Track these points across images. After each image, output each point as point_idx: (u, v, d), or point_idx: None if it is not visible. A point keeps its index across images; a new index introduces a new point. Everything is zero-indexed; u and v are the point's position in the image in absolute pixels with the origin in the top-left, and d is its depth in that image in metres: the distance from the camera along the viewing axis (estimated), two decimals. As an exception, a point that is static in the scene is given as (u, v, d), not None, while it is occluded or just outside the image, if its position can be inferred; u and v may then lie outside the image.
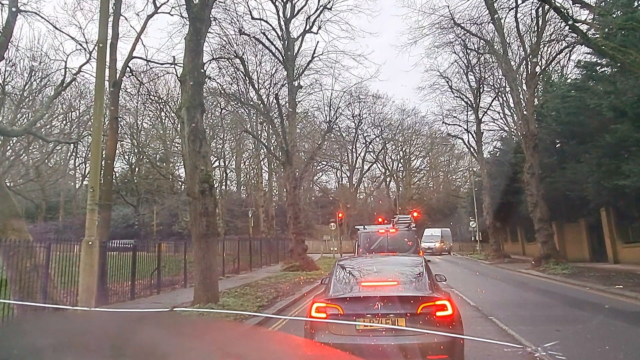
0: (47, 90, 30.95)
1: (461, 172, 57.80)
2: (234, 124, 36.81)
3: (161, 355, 1.48)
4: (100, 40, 8.74)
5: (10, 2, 13.46)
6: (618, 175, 18.53)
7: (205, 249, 10.84)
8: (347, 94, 29.88)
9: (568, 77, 29.80)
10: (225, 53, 25.34)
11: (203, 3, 11.88)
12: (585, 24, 17.94)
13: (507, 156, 32.72)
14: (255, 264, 24.40)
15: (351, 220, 44.21)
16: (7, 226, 8.66)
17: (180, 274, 16.32)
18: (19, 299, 8.04)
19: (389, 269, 6.48)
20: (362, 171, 57.99)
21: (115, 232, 26.70)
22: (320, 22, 26.02)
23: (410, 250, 15.09)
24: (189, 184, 11.83)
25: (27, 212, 29.08)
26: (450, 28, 27.66)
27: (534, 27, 24.84)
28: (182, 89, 12.33)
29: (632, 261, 20.69)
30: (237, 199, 48.23)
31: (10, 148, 32.92)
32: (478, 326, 8.81)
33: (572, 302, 12.43)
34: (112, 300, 12.15)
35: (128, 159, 42.35)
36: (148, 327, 1.89)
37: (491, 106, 37.72)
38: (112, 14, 17.41)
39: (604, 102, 18.75)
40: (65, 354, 1.47)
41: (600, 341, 7.55)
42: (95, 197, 7.52)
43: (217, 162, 44.35)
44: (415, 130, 54.85)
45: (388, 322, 4.99)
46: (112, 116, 17.66)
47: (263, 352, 1.58)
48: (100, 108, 8.42)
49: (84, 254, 7.33)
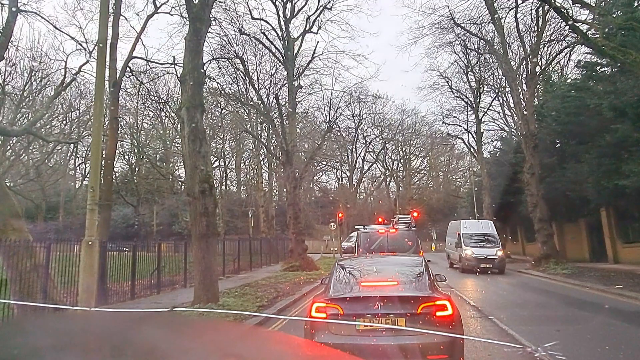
0: (47, 90, 30.99)
1: (461, 172, 57.84)
2: (234, 124, 36.81)
3: (161, 355, 1.48)
4: (100, 40, 8.74)
5: (10, 2, 13.47)
6: (618, 175, 18.53)
7: (205, 249, 10.83)
8: (347, 94, 29.86)
9: (568, 77, 29.85)
10: (225, 53, 25.32)
11: (203, 3, 11.88)
12: (585, 24, 17.96)
13: (507, 156, 32.72)
14: (255, 264, 24.40)
15: (351, 220, 44.19)
16: (7, 226, 8.65)
17: (180, 274, 16.31)
18: (19, 299, 8.04)
19: (389, 269, 6.48)
20: (362, 171, 58.05)
21: (115, 232, 26.69)
22: (320, 22, 26.05)
23: (410, 250, 15.09)
24: (189, 184, 11.82)
25: (27, 212, 29.04)
26: (450, 28, 27.72)
27: (534, 27, 24.88)
28: (182, 89, 12.33)
29: (632, 261, 20.68)
30: (237, 199, 48.21)
31: (10, 148, 32.96)
32: (478, 326, 8.81)
33: (572, 302, 12.43)
34: (112, 300, 12.14)
35: (128, 159, 42.34)
36: (148, 327, 1.88)
37: (491, 106, 37.82)
38: (112, 14, 17.42)
39: (604, 102, 18.75)
40: (65, 354, 1.47)
41: (600, 341, 7.55)
42: (95, 197, 7.53)
43: (217, 162, 44.38)
44: (415, 130, 54.92)
45: (388, 322, 4.99)
46: (112, 116, 17.66)
47: (263, 352, 1.57)
48: (100, 108, 8.42)
49: (84, 254, 7.34)
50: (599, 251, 24.53)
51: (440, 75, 35.42)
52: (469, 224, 24.32)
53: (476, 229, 23.48)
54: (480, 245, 21.91)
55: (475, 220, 28.06)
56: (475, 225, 24.21)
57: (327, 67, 29.40)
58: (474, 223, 24.92)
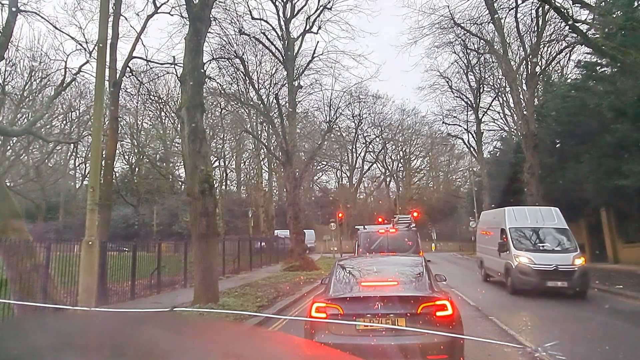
0: (47, 90, 30.97)
1: (461, 172, 57.83)
2: (234, 124, 36.77)
3: (161, 355, 1.48)
4: (100, 40, 8.73)
5: (10, 2, 13.46)
6: (618, 175, 18.53)
7: (205, 249, 10.83)
8: (347, 94, 29.86)
9: (568, 77, 29.86)
10: (225, 53, 25.34)
11: (203, 3, 11.88)
12: (585, 24, 17.95)
13: (507, 156, 32.73)
14: (255, 264, 24.39)
15: (351, 220, 44.18)
16: (7, 226, 8.64)
17: (180, 274, 16.30)
18: (19, 299, 8.03)
19: (389, 269, 6.49)
20: (362, 171, 58.04)
21: (115, 232, 26.65)
22: (320, 22, 26.05)
23: (410, 250, 15.08)
24: (189, 184, 11.83)
25: (27, 212, 29.03)
26: (450, 28, 27.74)
27: (534, 27, 24.91)
28: (182, 89, 12.34)
29: (632, 261, 20.69)
30: (237, 199, 48.19)
31: (10, 148, 32.95)
32: (478, 326, 8.81)
33: (571, 302, 12.42)
34: (112, 300, 12.13)
35: (128, 159, 42.33)
36: (148, 327, 1.89)
37: (491, 106, 37.87)
38: (112, 14, 17.42)
39: (604, 102, 18.76)
40: (65, 354, 1.47)
41: (600, 341, 7.55)
42: (95, 197, 7.52)
43: (217, 162, 44.34)
44: (415, 130, 54.90)
45: (388, 322, 4.99)
46: (112, 116, 17.67)
47: (263, 352, 1.58)
48: (100, 108, 8.41)
49: (84, 254, 7.33)
50: (599, 251, 24.54)
51: (440, 75, 35.47)
52: (520, 214, 15.07)
53: (533, 221, 14.54)
54: (543, 248, 13.71)
55: (529, 207, 17.08)
56: (530, 215, 14.91)
57: (327, 67, 29.34)
58: (529, 212, 15.32)
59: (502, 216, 15.40)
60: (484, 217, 19.54)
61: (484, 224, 18.44)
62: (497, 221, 15.98)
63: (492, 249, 15.56)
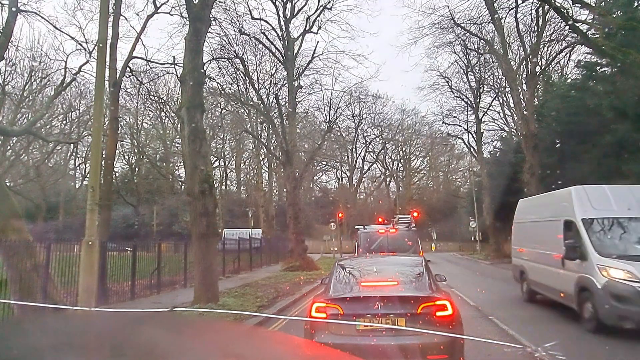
0: (47, 90, 30.94)
1: (461, 172, 57.85)
2: (234, 124, 36.78)
3: (161, 355, 1.48)
4: (100, 40, 8.73)
5: (10, 2, 13.45)
6: (618, 176, 18.51)
7: (205, 249, 10.84)
8: (347, 94, 29.80)
9: (568, 77, 29.82)
10: (225, 53, 25.33)
11: (203, 3, 11.88)
12: (585, 24, 17.95)
13: (507, 156, 32.71)
14: (255, 264, 24.39)
15: (351, 220, 44.19)
16: (7, 226, 8.64)
17: (180, 274, 16.31)
18: (19, 299, 8.03)
19: (389, 269, 6.49)
20: (362, 171, 58.07)
21: (115, 232, 26.62)
22: (320, 22, 26.03)
23: (410, 250, 15.08)
24: (189, 184, 11.83)
25: (27, 212, 29.01)
26: (450, 28, 27.68)
27: (534, 27, 24.91)
28: (182, 89, 12.33)
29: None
30: (237, 199, 48.24)
31: (10, 148, 32.95)
32: (478, 326, 8.80)
33: (572, 302, 12.39)
34: (112, 300, 12.13)
35: (128, 159, 42.35)
36: (148, 327, 1.89)
37: (491, 106, 37.80)
38: (112, 14, 17.39)
39: (604, 102, 18.76)
40: (65, 354, 1.47)
41: (600, 341, 7.55)
42: (95, 197, 7.52)
43: (217, 162, 44.42)
44: (415, 130, 54.90)
45: (388, 322, 4.99)
46: (112, 116, 17.65)
47: (263, 352, 1.58)
48: (100, 108, 8.42)
49: (84, 254, 7.33)
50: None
51: (440, 75, 35.38)
52: (599, 196, 9.32)
53: (622, 207, 8.91)
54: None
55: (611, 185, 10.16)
56: (616, 198, 9.17)
57: (327, 67, 29.28)
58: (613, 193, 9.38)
59: (567, 200, 9.70)
60: (528, 203, 13.47)
61: (527, 214, 12.62)
62: (555, 209, 10.44)
63: (544, 254, 10.54)
